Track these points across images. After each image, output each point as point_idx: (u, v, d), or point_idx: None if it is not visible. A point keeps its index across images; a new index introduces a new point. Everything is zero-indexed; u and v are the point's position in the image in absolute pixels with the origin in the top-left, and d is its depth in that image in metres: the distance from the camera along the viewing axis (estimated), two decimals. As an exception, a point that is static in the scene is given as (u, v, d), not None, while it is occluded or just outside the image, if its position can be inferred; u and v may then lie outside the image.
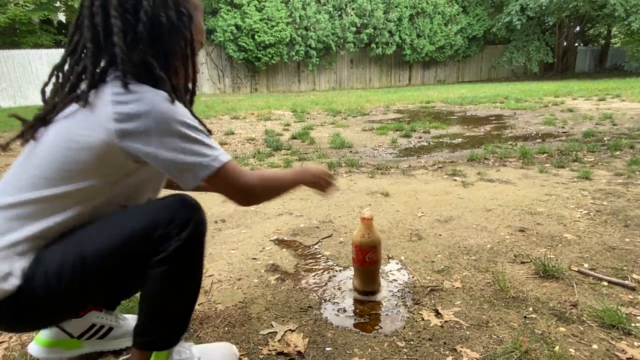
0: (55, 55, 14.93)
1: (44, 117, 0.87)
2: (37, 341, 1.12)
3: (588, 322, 1.31)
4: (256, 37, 15.57)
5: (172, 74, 0.92)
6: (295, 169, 1.14)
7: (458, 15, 19.24)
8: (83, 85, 0.87)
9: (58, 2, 17.86)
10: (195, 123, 0.88)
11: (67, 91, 0.87)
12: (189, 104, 1.02)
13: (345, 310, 1.44)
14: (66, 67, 0.90)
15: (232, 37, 15.39)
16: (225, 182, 0.91)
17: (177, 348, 1.06)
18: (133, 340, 0.99)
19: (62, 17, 18.52)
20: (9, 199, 0.84)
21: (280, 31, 15.77)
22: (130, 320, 1.25)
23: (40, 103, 0.91)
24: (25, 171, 0.85)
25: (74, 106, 0.85)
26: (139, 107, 0.81)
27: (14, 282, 0.81)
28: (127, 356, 1.17)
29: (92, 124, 0.83)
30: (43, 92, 0.91)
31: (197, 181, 0.88)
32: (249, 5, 15.44)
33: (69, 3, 17.07)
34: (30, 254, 0.85)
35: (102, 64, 0.85)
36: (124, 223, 0.89)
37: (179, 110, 0.86)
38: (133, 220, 0.89)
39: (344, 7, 17.01)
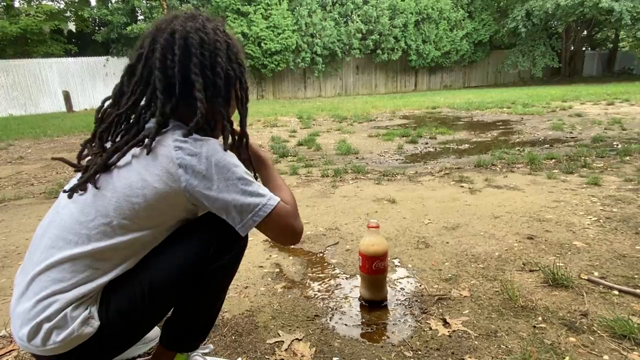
0: (66, 63, 15.20)
1: (106, 165, 0.87)
2: None
3: (599, 332, 1.29)
4: (262, 44, 15.70)
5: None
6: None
7: (463, 20, 19.24)
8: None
9: (68, 12, 18.22)
10: (244, 169, 0.92)
11: (132, 135, 0.89)
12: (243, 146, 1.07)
13: (352, 319, 1.44)
14: (129, 112, 0.91)
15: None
16: (277, 222, 0.92)
17: (193, 355, 1.12)
18: (162, 339, 1.07)
19: (72, 26, 18.85)
20: (80, 249, 0.84)
21: (287, 38, 15.90)
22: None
23: (49, 111, 0.93)
24: (92, 220, 0.85)
25: (134, 150, 0.87)
26: (200, 153, 0.86)
27: (95, 324, 0.86)
28: (147, 357, 1.18)
29: (156, 170, 0.85)
30: (101, 137, 0.91)
31: (257, 222, 0.90)
32: (255, 14, 15.60)
33: (79, 13, 17.40)
34: (99, 295, 0.89)
35: (168, 111, 0.89)
36: (182, 247, 0.94)
37: (233, 157, 0.91)
38: (189, 242, 0.95)
39: (350, 14, 17.11)
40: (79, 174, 0.91)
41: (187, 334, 1.06)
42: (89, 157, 0.92)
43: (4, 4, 16.01)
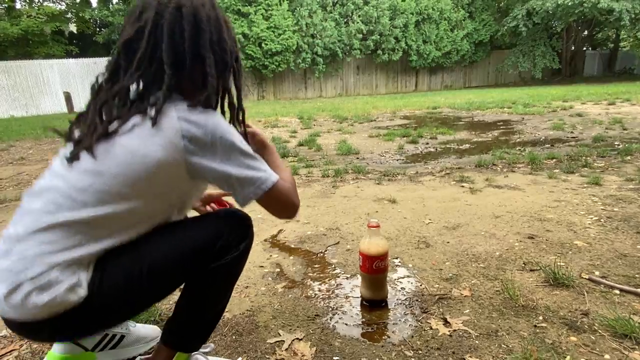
0: (67, 64, 15.22)
1: (107, 132, 0.85)
2: (51, 357, 1.10)
3: (600, 331, 1.29)
4: (263, 45, 15.71)
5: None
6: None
7: (464, 20, 19.23)
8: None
9: (69, 14, 18.26)
10: (247, 144, 0.93)
11: (135, 107, 0.87)
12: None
13: (352, 319, 1.43)
14: (132, 85, 0.89)
15: (239, 46, 15.53)
16: (278, 197, 0.94)
17: (194, 354, 1.11)
18: (163, 338, 1.05)
19: (73, 28, 18.90)
20: (74, 214, 0.82)
21: (287, 39, 15.90)
22: (140, 327, 1.26)
23: (50, 112, 0.92)
24: (89, 185, 0.83)
25: (135, 120, 0.85)
26: (205, 125, 0.86)
27: (81, 294, 0.83)
28: (147, 356, 1.18)
29: (160, 140, 0.84)
30: (100, 111, 0.89)
31: (258, 195, 0.92)
32: (255, 14, 15.60)
33: (80, 14, 17.45)
34: (92, 265, 0.87)
35: (173, 85, 0.88)
36: (189, 234, 0.94)
37: (235, 130, 0.93)
38: (196, 232, 0.96)
39: (350, 15, 17.11)
40: (71, 144, 0.88)
41: (190, 334, 1.05)
42: (78, 131, 0.89)
43: (5, 5, 16.06)
